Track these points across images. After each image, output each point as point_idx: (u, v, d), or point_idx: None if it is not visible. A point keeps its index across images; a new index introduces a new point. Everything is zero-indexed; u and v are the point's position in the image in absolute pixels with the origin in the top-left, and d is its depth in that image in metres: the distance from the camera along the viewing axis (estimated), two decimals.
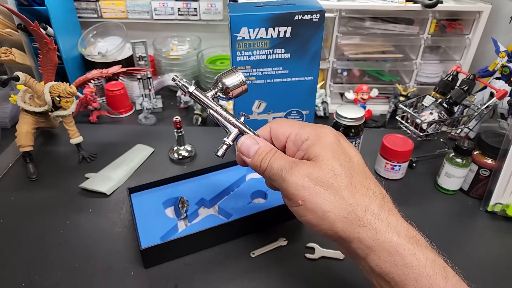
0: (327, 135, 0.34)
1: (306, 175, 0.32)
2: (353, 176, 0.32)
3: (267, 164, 0.34)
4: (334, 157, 0.32)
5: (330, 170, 0.31)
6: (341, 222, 0.31)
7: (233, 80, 0.38)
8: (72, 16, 0.91)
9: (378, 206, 0.31)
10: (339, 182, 0.31)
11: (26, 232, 0.53)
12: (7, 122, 0.79)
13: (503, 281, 0.48)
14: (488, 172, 0.58)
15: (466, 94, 0.66)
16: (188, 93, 0.39)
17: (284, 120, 0.38)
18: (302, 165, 0.32)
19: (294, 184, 0.32)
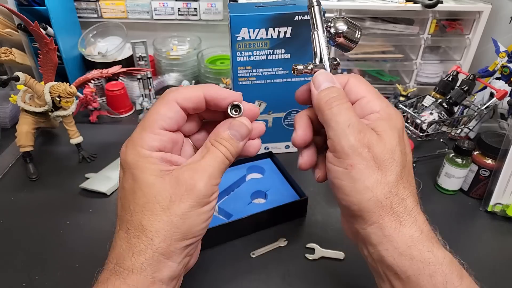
0: (398, 120, 0.32)
1: (368, 145, 0.30)
2: (405, 168, 0.31)
3: (334, 107, 0.31)
4: (399, 142, 0.31)
5: (391, 152, 0.30)
6: (373, 203, 0.29)
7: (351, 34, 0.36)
8: (72, 16, 0.91)
9: (412, 202, 0.31)
10: (393, 167, 0.30)
11: (26, 232, 0.53)
12: (7, 122, 0.79)
13: (503, 281, 0.48)
14: (488, 172, 0.58)
15: (466, 94, 0.66)
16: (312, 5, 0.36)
17: (364, 81, 0.35)
18: (369, 134, 0.30)
19: (353, 147, 0.30)
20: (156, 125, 0.30)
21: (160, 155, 0.30)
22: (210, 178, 0.30)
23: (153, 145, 0.30)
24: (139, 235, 0.28)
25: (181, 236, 0.29)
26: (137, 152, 0.30)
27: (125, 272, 0.28)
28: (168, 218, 0.28)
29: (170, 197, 0.28)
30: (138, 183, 0.29)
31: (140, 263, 0.28)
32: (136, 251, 0.28)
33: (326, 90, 0.32)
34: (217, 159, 0.31)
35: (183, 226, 0.29)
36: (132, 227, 0.29)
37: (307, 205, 0.55)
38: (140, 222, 0.29)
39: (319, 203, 0.58)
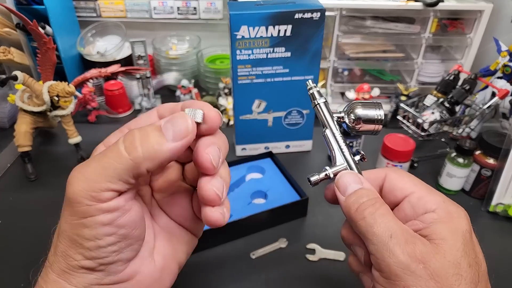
0: (462, 220, 0.26)
1: (422, 260, 0.23)
2: (478, 285, 0.24)
3: (367, 215, 0.25)
4: (464, 251, 0.24)
5: (455, 265, 0.24)
6: None
7: (369, 113, 0.30)
8: (71, 15, 0.91)
9: None
10: (461, 286, 0.23)
11: (25, 232, 0.53)
12: (6, 122, 0.78)
13: (504, 281, 0.47)
14: (489, 172, 0.57)
15: (467, 94, 0.66)
16: (316, 104, 0.32)
17: (406, 173, 0.30)
18: (421, 244, 0.24)
19: (404, 265, 0.23)
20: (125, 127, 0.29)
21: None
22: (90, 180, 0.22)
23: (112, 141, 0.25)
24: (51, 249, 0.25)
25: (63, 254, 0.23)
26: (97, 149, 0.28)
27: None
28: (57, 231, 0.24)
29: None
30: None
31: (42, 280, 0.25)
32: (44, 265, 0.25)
33: (354, 195, 0.27)
34: (113, 155, 0.22)
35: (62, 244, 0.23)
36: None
37: (307, 205, 0.55)
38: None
39: (319, 203, 0.57)
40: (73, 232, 0.23)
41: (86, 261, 0.23)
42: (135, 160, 0.22)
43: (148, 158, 0.22)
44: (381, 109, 0.30)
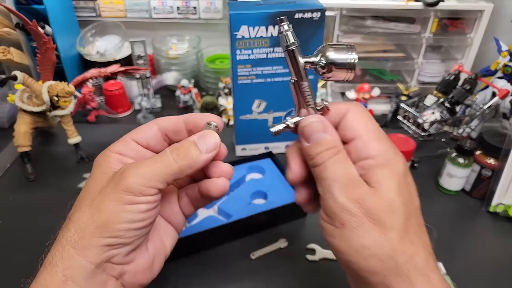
0: (398, 164, 0.29)
1: (359, 200, 0.27)
2: (410, 220, 0.27)
3: (322, 162, 0.29)
4: (398, 191, 0.27)
5: (388, 204, 0.27)
6: (375, 263, 0.26)
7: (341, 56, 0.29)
8: (71, 15, 0.91)
9: (423, 259, 0.27)
10: (393, 221, 0.26)
11: (24, 232, 0.53)
12: (5, 122, 0.78)
13: (505, 281, 0.47)
14: (490, 172, 0.57)
15: (468, 94, 0.66)
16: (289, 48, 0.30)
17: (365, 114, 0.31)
18: (359, 188, 0.27)
19: (341, 204, 0.27)
20: (128, 136, 0.32)
21: (119, 157, 0.31)
22: (143, 178, 0.28)
23: (117, 149, 0.31)
24: (63, 227, 0.28)
25: (95, 229, 0.27)
26: (104, 154, 0.31)
27: (40, 270, 0.27)
28: (89, 210, 0.27)
29: (100, 189, 0.28)
30: (89, 179, 0.30)
31: (51, 256, 0.27)
32: (54, 244, 0.28)
33: (315, 145, 0.29)
34: (162, 162, 0.29)
35: (100, 218, 0.27)
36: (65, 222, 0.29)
37: None
38: (69, 215, 0.29)
39: None
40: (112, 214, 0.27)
41: (112, 239, 0.27)
42: (181, 168, 0.29)
43: (190, 166, 0.29)
44: (354, 51, 0.29)
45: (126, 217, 0.27)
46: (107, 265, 0.28)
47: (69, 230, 0.27)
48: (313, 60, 0.30)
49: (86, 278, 0.27)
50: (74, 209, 0.29)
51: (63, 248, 0.27)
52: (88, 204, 0.28)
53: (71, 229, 0.27)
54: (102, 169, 0.30)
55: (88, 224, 0.27)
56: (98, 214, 0.27)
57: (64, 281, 0.26)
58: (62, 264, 0.26)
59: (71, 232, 0.27)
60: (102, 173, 0.30)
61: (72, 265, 0.26)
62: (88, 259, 0.27)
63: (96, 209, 0.27)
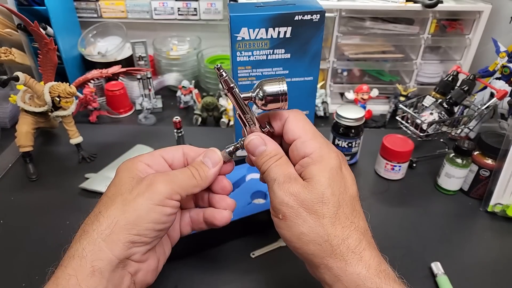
0: (331, 159, 0.33)
1: (294, 194, 0.32)
2: (341, 208, 0.32)
3: (266, 168, 0.34)
4: (329, 183, 0.32)
5: (319, 196, 0.31)
6: (314, 247, 0.31)
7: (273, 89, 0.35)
8: (72, 16, 0.91)
9: (356, 240, 0.31)
10: (324, 210, 0.31)
11: (26, 232, 0.53)
12: (7, 122, 0.79)
13: (503, 281, 0.48)
14: (488, 173, 0.58)
15: (466, 94, 0.66)
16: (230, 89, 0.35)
17: (302, 118, 0.36)
18: (294, 184, 0.32)
19: (280, 199, 0.32)
20: (157, 152, 0.37)
21: (145, 166, 0.35)
22: (171, 184, 0.33)
23: (146, 160, 0.35)
24: (93, 221, 0.30)
25: (125, 225, 0.30)
26: (131, 161, 0.35)
27: (67, 260, 0.29)
28: (122, 207, 0.30)
29: (131, 189, 0.32)
30: (116, 180, 0.33)
31: (82, 247, 0.29)
32: (83, 236, 0.29)
33: (261, 156, 0.35)
34: (184, 174, 0.34)
35: (131, 216, 0.30)
36: (92, 216, 0.31)
37: None
38: (99, 210, 0.31)
39: None
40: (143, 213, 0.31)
41: (137, 236, 0.30)
42: (199, 182, 0.35)
43: (205, 181, 0.36)
44: (283, 83, 0.35)
45: (154, 217, 0.31)
46: (127, 261, 0.31)
47: (101, 224, 0.30)
48: (250, 95, 0.36)
49: (110, 271, 0.29)
50: (104, 205, 0.31)
51: (94, 241, 0.29)
52: (120, 201, 0.31)
53: (103, 223, 0.30)
54: (130, 173, 0.33)
55: (120, 219, 0.30)
56: (130, 211, 0.30)
57: (92, 271, 0.28)
58: (91, 255, 0.28)
59: (103, 227, 0.29)
60: (130, 177, 0.33)
61: (100, 257, 0.29)
62: (115, 253, 0.29)
63: (128, 206, 0.30)
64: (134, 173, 0.33)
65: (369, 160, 0.69)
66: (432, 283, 0.47)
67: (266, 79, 0.36)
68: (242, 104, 0.36)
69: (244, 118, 0.37)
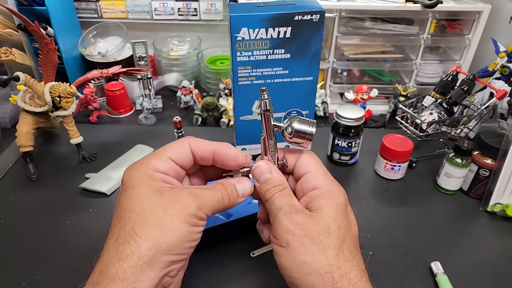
0: (339, 196, 0.34)
1: (300, 223, 0.32)
2: (345, 242, 0.32)
3: (270, 197, 0.35)
4: (336, 217, 0.32)
5: (326, 227, 0.32)
6: (315, 278, 0.31)
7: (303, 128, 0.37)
8: (72, 16, 0.92)
9: (357, 275, 0.31)
10: (329, 241, 0.31)
11: (26, 232, 0.53)
12: (7, 122, 0.79)
13: (503, 281, 0.48)
14: (488, 172, 0.58)
15: (466, 94, 0.66)
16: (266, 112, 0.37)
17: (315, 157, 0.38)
18: (301, 214, 0.33)
19: (285, 227, 0.32)
20: (165, 154, 0.35)
21: (162, 176, 0.34)
22: (204, 205, 0.33)
23: (158, 167, 0.34)
24: (129, 241, 0.29)
25: (167, 249, 0.30)
26: (142, 170, 0.33)
27: (107, 281, 0.28)
28: (159, 228, 0.30)
29: (165, 209, 0.31)
30: (138, 194, 0.32)
31: (123, 270, 0.28)
32: (122, 258, 0.29)
33: (263, 184, 0.36)
34: (216, 196, 0.34)
35: (171, 239, 0.30)
36: (123, 234, 0.30)
37: None
38: (132, 228, 0.30)
39: None
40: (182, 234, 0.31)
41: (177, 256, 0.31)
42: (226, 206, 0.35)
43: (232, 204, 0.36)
44: (314, 126, 0.37)
45: (190, 238, 0.32)
46: (165, 278, 0.31)
47: (140, 247, 0.29)
48: (281, 125, 0.38)
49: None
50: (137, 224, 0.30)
51: (135, 264, 0.29)
52: (155, 222, 0.30)
53: (142, 246, 0.29)
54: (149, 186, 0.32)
55: (161, 243, 0.30)
56: (169, 233, 0.30)
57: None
58: (133, 277, 0.28)
59: (143, 249, 0.29)
60: (152, 190, 0.32)
61: (142, 279, 0.29)
62: (156, 273, 0.29)
63: (166, 229, 0.30)
64: (154, 186, 0.32)
65: (368, 160, 0.69)
66: (432, 282, 0.47)
67: (300, 118, 0.38)
68: (271, 129, 0.38)
69: (268, 143, 0.38)
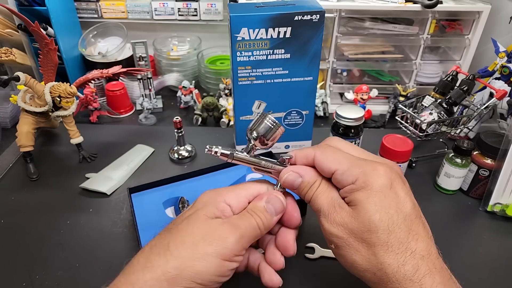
0: (378, 179, 0.31)
1: (342, 224, 0.31)
2: (393, 233, 0.30)
3: (309, 199, 0.34)
4: (375, 209, 0.30)
5: (366, 223, 0.30)
6: (369, 275, 0.30)
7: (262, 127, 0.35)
8: (73, 16, 0.92)
9: (413, 267, 0.29)
10: (373, 239, 0.30)
11: (26, 232, 0.54)
12: (8, 122, 0.79)
13: (502, 281, 0.48)
14: (487, 172, 0.58)
15: (465, 94, 0.66)
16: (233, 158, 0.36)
17: (331, 150, 0.34)
18: (340, 212, 0.32)
19: (328, 231, 0.32)
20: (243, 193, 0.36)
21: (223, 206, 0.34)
22: (241, 239, 0.32)
23: (230, 202, 0.34)
24: (160, 253, 0.30)
25: (191, 275, 0.29)
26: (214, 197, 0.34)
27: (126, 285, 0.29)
28: (191, 252, 0.30)
29: (203, 236, 0.31)
30: (192, 216, 0.33)
31: (144, 280, 0.29)
32: (147, 267, 0.29)
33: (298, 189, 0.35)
34: (251, 225, 0.33)
35: (199, 267, 0.29)
36: (159, 244, 0.30)
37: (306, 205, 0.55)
38: (168, 243, 0.30)
39: None
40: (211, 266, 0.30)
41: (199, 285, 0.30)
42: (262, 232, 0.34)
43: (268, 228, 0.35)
44: (266, 117, 0.35)
45: (220, 271, 0.31)
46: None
47: (167, 263, 0.29)
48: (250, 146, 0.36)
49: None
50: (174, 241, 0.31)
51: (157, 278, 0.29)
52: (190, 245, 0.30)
53: (170, 262, 0.29)
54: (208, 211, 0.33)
55: (188, 267, 0.29)
56: (199, 260, 0.30)
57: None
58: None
59: (169, 266, 0.29)
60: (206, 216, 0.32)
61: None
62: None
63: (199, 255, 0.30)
64: (212, 212, 0.33)
65: None
66: None
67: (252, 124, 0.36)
68: (249, 160, 0.37)
69: (261, 168, 0.37)
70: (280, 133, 0.36)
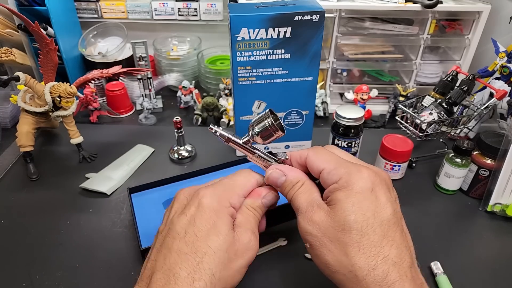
0: (360, 180, 0.31)
1: (316, 222, 0.31)
2: (366, 235, 0.29)
3: (291, 198, 0.35)
4: (352, 210, 0.30)
5: (341, 223, 0.30)
6: (340, 277, 0.30)
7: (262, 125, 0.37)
8: (73, 16, 0.92)
9: (383, 272, 0.28)
10: (346, 239, 0.30)
11: (26, 232, 0.54)
12: (8, 122, 0.79)
13: (502, 281, 0.48)
14: (487, 172, 0.58)
15: (465, 95, 0.66)
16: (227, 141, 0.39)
17: (323, 151, 0.36)
18: (318, 211, 0.32)
19: (303, 229, 0.32)
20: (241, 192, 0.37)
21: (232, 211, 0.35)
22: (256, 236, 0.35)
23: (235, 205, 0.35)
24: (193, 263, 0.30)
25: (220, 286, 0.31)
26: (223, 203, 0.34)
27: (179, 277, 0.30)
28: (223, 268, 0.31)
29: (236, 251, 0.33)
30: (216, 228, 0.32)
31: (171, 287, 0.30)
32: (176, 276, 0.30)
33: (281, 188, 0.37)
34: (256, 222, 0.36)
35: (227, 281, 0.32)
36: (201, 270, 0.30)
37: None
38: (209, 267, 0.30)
39: None
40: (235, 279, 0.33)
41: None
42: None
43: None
44: (268, 117, 0.36)
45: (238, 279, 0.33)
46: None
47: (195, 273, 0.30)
48: (248, 138, 0.38)
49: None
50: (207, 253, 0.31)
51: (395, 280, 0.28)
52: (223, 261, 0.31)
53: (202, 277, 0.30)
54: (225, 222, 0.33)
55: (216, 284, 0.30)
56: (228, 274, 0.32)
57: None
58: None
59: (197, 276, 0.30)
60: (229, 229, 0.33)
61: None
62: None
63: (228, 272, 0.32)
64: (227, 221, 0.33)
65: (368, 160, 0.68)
66: (432, 282, 0.47)
67: (255, 119, 0.38)
68: (245, 148, 0.39)
69: (254, 157, 0.39)
70: (277, 136, 0.37)
